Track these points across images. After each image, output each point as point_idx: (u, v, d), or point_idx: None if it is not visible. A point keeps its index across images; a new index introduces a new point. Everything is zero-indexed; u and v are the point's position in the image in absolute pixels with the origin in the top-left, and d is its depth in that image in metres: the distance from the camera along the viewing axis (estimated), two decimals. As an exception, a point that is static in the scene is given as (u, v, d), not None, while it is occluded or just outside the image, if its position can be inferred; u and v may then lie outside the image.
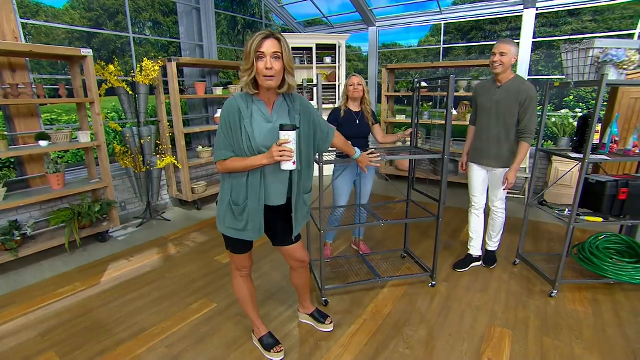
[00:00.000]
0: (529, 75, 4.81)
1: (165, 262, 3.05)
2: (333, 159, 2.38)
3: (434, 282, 2.56)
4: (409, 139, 2.79)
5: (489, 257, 2.89)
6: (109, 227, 3.46)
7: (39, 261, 3.02)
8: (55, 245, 3.08)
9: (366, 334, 2.09)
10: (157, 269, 2.92)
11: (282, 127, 1.45)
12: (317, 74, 2.15)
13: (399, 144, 2.74)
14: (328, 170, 2.63)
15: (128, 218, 4.01)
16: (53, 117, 5.16)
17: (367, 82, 2.69)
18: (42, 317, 2.29)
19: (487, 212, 2.80)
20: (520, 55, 4.76)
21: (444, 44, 5.66)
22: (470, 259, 2.86)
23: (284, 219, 1.73)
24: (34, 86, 3.05)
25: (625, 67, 2.06)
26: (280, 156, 1.44)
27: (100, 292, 2.57)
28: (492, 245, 2.88)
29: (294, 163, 1.48)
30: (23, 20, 3.26)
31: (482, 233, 2.84)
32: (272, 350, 1.89)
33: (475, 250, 2.85)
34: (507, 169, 2.53)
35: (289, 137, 1.45)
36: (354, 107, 2.70)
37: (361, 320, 2.21)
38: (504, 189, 2.60)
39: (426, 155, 2.30)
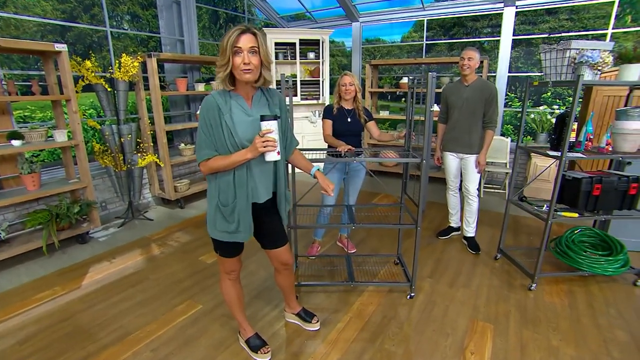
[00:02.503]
0: (509, 72, 4.91)
1: (148, 262, 2.99)
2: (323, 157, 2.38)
3: (412, 294, 2.43)
4: (403, 139, 2.77)
5: (472, 245, 3.12)
6: (89, 228, 3.37)
7: (15, 265, 2.92)
8: (32, 249, 2.98)
9: (352, 332, 2.12)
10: (141, 270, 2.87)
11: (263, 118, 1.43)
12: (282, 74, 2.12)
13: (401, 140, 2.73)
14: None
15: (109, 218, 3.91)
16: (26, 114, 4.94)
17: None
18: (21, 324, 2.21)
19: (461, 198, 3.19)
20: (500, 52, 4.86)
21: (426, 40, 5.71)
22: (451, 229, 3.39)
23: (269, 218, 1.73)
24: (4, 82, 2.92)
25: (599, 68, 2.14)
26: (264, 147, 1.41)
27: (82, 296, 2.51)
28: (470, 231, 3.15)
29: (278, 153, 1.47)
30: (-10, 13, 3.10)
31: (459, 208, 3.31)
32: (259, 352, 1.89)
33: (454, 222, 3.36)
34: (478, 155, 2.95)
35: (271, 127, 1.43)
36: (347, 105, 2.70)
37: (347, 318, 2.24)
38: (477, 172, 2.99)
39: (404, 159, 2.29)
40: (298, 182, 2.52)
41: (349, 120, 2.68)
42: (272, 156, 1.47)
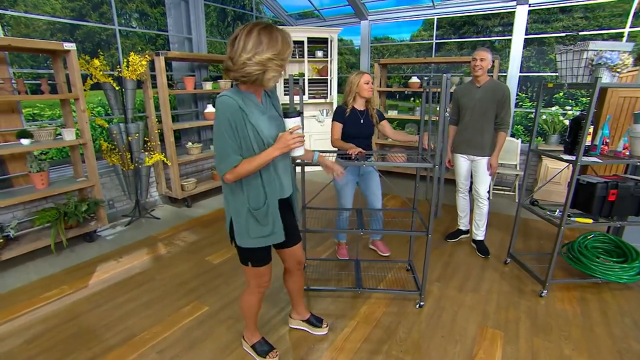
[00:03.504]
0: (520, 72, 4.82)
1: (155, 262, 2.99)
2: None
3: (422, 303, 2.35)
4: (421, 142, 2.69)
5: (481, 249, 3.08)
6: (96, 226, 3.38)
7: (24, 263, 2.94)
8: (41, 247, 2.99)
9: (360, 337, 2.09)
10: (147, 270, 2.87)
11: (287, 115, 1.46)
12: (290, 75, 2.09)
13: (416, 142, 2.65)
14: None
15: (116, 216, 3.92)
16: (35, 111, 4.97)
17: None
18: (28, 323, 2.22)
19: (471, 200, 3.14)
20: (512, 51, 4.77)
21: (436, 39, 5.62)
22: (460, 232, 3.34)
23: (287, 214, 1.71)
24: (13, 81, 2.92)
25: (618, 70, 2.07)
26: (295, 143, 1.46)
27: (89, 295, 2.52)
28: (480, 235, 3.09)
29: (303, 147, 1.54)
30: (0, 11, 3.12)
31: (468, 211, 3.25)
32: (267, 356, 1.87)
33: (464, 225, 3.31)
34: (489, 157, 2.90)
35: (299, 123, 1.49)
36: (359, 106, 2.63)
37: (354, 322, 2.21)
38: (489, 174, 2.94)
39: (416, 164, 2.23)
40: (307, 182, 2.49)
41: (361, 122, 2.61)
42: (300, 151, 1.53)
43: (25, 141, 2.86)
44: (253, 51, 1.34)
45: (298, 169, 2.16)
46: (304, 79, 5.44)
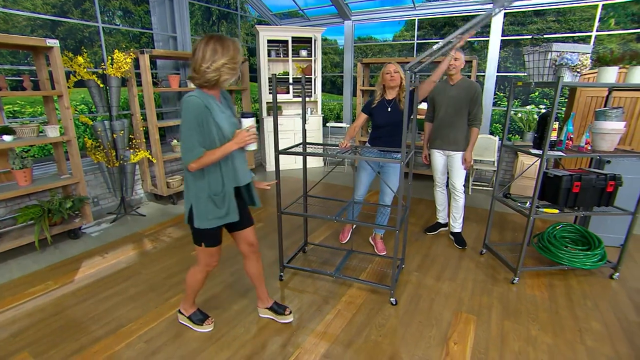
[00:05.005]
0: (497, 72, 5.01)
1: (141, 257, 3.03)
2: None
3: (393, 300, 2.35)
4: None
5: (458, 240, 3.22)
6: (81, 223, 3.38)
7: (6, 260, 2.93)
8: (24, 244, 2.99)
9: (341, 323, 2.18)
10: (133, 265, 2.90)
11: (244, 115, 1.70)
12: (273, 74, 2.18)
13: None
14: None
15: (101, 213, 3.92)
16: (16, 109, 4.89)
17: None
18: (13, 318, 2.24)
19: (448, 194, 3.28)
20: (489, 52, 4.96)
21: (417, 39, 5.78)
22: (439, 225, 3.48)
23: (240, 200, 1.91)
24: (-5, 78, 2.91)
25: (578, 70, 2.22)
26: (250, 139, 1.70)
27: (75, 290, 2.54)
28: (457, 227, 3.24)
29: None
30: (-20, 7, 3.08)
31: (446, 205, 3.39)
32: (204, 324, 2.10)
33: (442, 218, 3.45)
34: (464, 152, 3.02)
35: (253, 122, 1.73)
36: (389, 95, 2.69)
37: (336, 310, 2.31)
38: (464, 168, 3.07)
39: (383, 159, 2.36)
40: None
41: (388, 110, 2.67)
42: (253, 146, 1.75)
43: (7, 137, 2.85)
44: (210, 60, 1.57)
45: (301, 161, 2.23)
46: (287, 78, 5.51)
